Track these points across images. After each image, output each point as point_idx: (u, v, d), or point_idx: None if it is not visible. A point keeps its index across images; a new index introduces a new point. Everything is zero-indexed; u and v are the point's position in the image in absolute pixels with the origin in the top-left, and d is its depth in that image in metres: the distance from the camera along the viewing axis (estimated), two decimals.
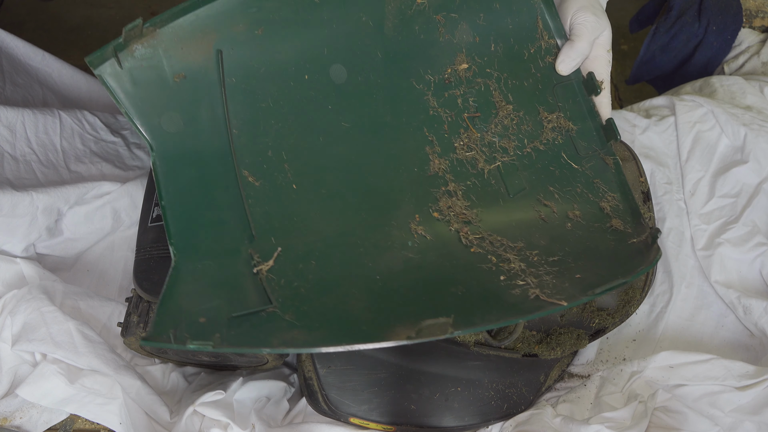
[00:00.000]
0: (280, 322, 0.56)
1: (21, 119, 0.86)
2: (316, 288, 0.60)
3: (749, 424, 0.70)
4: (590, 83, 0.73)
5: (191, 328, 0.54)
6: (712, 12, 1.04)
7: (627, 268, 0.62)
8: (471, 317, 0.57)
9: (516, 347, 0.75)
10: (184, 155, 0.63)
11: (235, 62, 0.64)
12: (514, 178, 0.70)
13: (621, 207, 0.68)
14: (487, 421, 0.76)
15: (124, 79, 0.60)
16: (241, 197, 0.63)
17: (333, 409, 0.75)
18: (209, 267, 0.59)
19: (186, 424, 0.74)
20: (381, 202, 0.67)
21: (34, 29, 1.58)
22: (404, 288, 0.61)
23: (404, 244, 0.65)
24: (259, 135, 0.65)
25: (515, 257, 0.63)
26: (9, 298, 0.74)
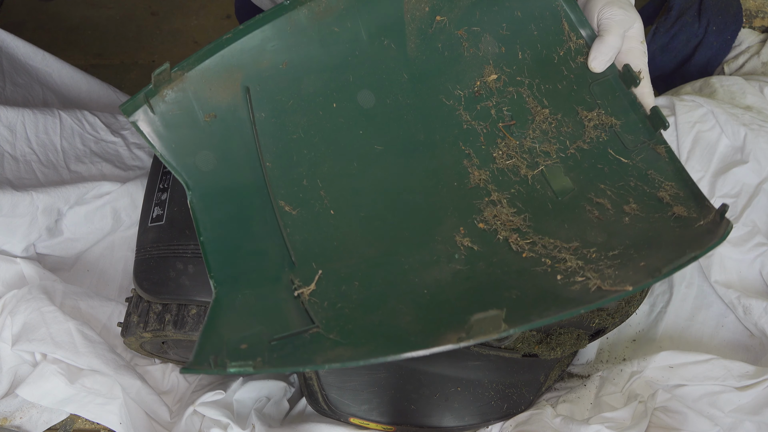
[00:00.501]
0: (324, 342, 0.56)
1: (21, 119, 0.86)
2: (361, 307, 0.60)
3: (749, 424, 0.70)
4: (628, 75, 0.70)
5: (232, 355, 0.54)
6: (712, 12, 1.04)
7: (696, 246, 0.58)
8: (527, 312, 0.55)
9: (516, 347, 0.75)
10: (219, 191, 0.64)
11: (263, 97, 0.66)
12: (560, 181, 0.69)
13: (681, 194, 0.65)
14: (487, 421, 0.76)
15: (157, 124, 0.62)
16: (279, 227, 0.63)
17: (333, 409, 0.75)
18: (250, 296, 0.60)
19: (186, 424, 0.74)
20: (422, 219, 0.67)
21: (34, 29, 1.58)
22: (454, 298, 0.60)
23: (451, 257, 0.64)
24: (293, 166, 0.66)
25: (571, 256, 0.61)
26: (9, 298, 0.74)
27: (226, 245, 0.63)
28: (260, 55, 0.65)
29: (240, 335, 0.57)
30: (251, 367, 0.51)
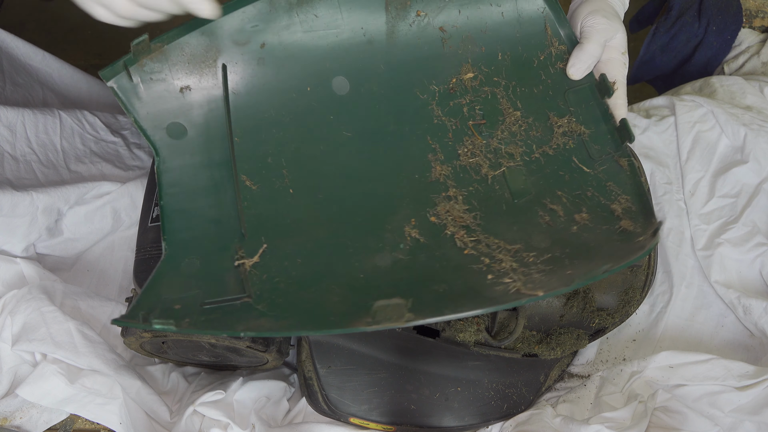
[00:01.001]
0: (251, 312, 0.60)
1: (21, 119, 0.86)
2: (297, 284, 0.63)
3: (749, 424, 0.70)
4: (602, 85, 0.71)
5: (164, 313, 0.59)
6: (712, 12, 1.04)
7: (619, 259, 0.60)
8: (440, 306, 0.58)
9: (516, 347, 0.75)
10: (186, 160, 0.68)
11: (239, 76, 0.69)
12: (519, 184, 0.70)
13: (634, 208, 0.66)
14: (487, 421, 0.76)
15: (134, 91, 0.66)
16: (237, 199, 0.67)
17: (333, 409, 0.75)
18: (195, 261, 0.64)
19: (186, 424, 0.74)
20: (378, 207, 0.69)
21: (34, 29, 1.57)
22: (386, 285, 0.63)
23: (396, 246, 0.66)
24: (260, 143, 0.69)
25: (509, 258, 0.63)
26: (9, 298, 0.74)
27: (183, 211, 0.67)
28: (239, 35, 0.67)
29: (177, 296, 0.61)
30: (173, 326, 0.56)
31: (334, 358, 0.74)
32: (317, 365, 0.74)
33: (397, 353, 0.75)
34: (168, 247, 0.65)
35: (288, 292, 0.63)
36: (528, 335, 0.76)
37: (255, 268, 0.64)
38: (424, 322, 0.56)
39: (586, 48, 0.71)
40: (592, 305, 0.74)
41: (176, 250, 0.65)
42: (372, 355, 0.74)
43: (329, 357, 0.74)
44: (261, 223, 0.67)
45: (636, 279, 0.75)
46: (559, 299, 0.73)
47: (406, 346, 0.75)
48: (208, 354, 0.78)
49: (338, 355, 0.74)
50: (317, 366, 0.74)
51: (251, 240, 0.66)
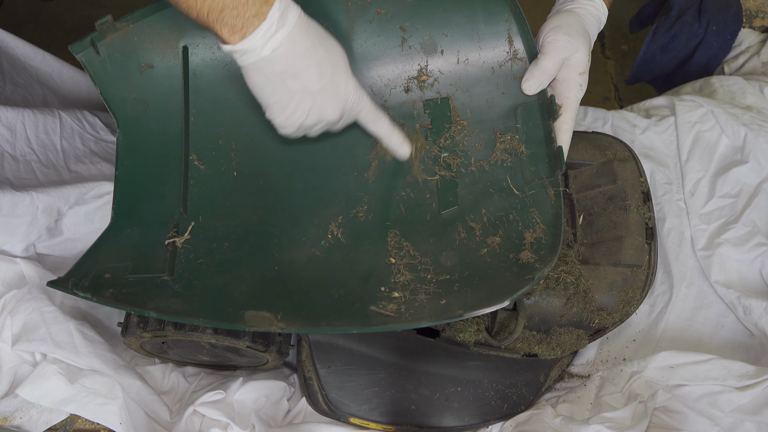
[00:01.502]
0: (166, 290, 0.64)
1: (21, 119, 0.85)
2: (217, 267, 0.66)
3: (749, 424, 0.70)
4: (549, 107, 0.69)
5: (94, 281, 0.63)
6: (712, 12, 1.04)
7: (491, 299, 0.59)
8: (307, 320, 0.61)
9: (516, 347, 0.75)
10: (144, 134, 0.72)
11: (200, 58, 0.72)
12: (449, 195, 0.69)
13: (544, 241, 0.65)
14: (487, 421, 0.76)
15: (100, 65, 0.70)
16: (184, 177, 0.71)
17: (333, 409, 0.75)
18: (135, 233, 0.68)
19: (186, 424, 0.74)
20: (313, 200, 0.71)
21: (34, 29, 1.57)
22: (292, 282, 0.66)
23: (317, 242, 0.69)
24: (214, 125, 0.72)
25: (408, 271, 0.65)
26: (9, 298, 0.74)
27: (135, 183, 0.71)
28: None
29: (110, 265, 0.65)
30: (90, 296, 0.61)
31: (334, 358, 0.74)
32: (317, 365, 0.74)
33: (397, 353, 0.75)
34: (114, 216, 0.69)
35: (206, 275, 0.66)
36: (528, 335, 0.75)
37: (185, 246, 0.67)
38: (297, 331, 0.60)
39: (541, 64, 0.68)
40: (592, 305, 0.74)
41: (121, 219, 0.69)
42: (372, 355, 0.74)
43: (329, 357, 0.74)
44: (202, 202, 0.70)
45: (636, 279, 0.75)
46: (559, 299, 0.73)
47: (406, 346, 0.75)
48: (208, 354, 0.78)
49: (338, 355, 0.74)
50: (317, 366, 0.74)
51: (190, 218, 0.69)
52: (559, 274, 0.73)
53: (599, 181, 0.79)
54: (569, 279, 0.72)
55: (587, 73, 0.70)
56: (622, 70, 1.63)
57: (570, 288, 0.73)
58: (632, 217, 0.75)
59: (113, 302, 0.62)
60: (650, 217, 0.76)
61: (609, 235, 0.75)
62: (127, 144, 0.71)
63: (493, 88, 0.72)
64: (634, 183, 0.77)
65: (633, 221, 0.75)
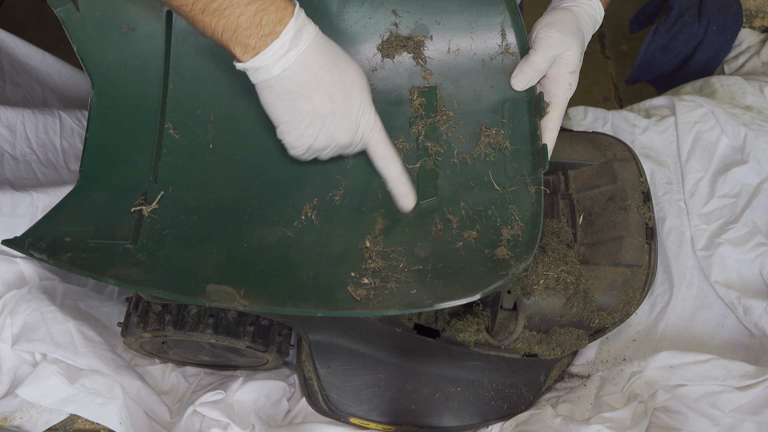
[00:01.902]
0: (128, 259, 0.62)
1: (21, 119, 0.86)
2: (184, 240, 0.65)
3: (749, 424, 0.70)
4: (537, 104, 0.68)
5: (52, 243, 0.61)
6: (712, 12, 1.04)
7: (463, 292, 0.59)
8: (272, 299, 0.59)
9: (516, 347, 0.75)
10: (119, 98, 0.69)
11: (184, 24, 0.70)
12: (428, 185, 0.69)
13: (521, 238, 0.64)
14: (487, 421, 0.76)
15: (80, 22, 0.68)
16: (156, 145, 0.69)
17: (333, 409, 0.75)
18: (101, 198, 0.66)
19: (186, 424, 0.74)
20: (289, 180, 0.70)
21: (34, 29, 1.57)
22: (260, 261, 0.64)
23: (290, 222, 0.67)
24: (194, 94, 0.70)
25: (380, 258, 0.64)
26: (9, 298, 0.74)
27: (106, 147, 0.68)
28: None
29: (71, 228, 0.63)
30: (46, 257, 0.59)
31: (334, 358, 0.74)
32: (317, 365, 0.74)
33: (397, 353, 0.75)
34: (81, 179, 0.67)
35: (171, 247, 0.64)
36: (528, 335, 0.75)
37: (152, 215, 0.65)
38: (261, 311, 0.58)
39: (531, 60, 0.68)
40: (592, 305, 0.74)
41: (88, 183, 0.67)
42: (372, 355, 0.74)
43: (329, 357, 0.74)
44: (174, 172, 0.68)
45: (636, 279, 0.75)
46: (559, 299, 0.73)
47: (406, 346, 0.75)
48: (209, 354, 0.78)
49: (338, 355, 0.74)
50: (317, 366, 0.74)
51: (159, 187, 0.67)
52: (559, 274, 0.73)
53: (599, 181, 0.79)
54: (569, 279, 0.72)
55: (578, 72, 0.70)
56: (622, 70, 1.63)
57: (570, 288, 0.73)
58: (632, 217, 0.75)
59: (70, 266, 0.60)
60: (650, 217, 0.76)
61: (609, 235, 0.75)
62: (100, 106, 0.69)
63: (482, 81, 0.72)
64: (634, 183, 0.77)
65: (633, 221, 0.75)
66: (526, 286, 0.72)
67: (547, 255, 0.73)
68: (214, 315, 0.72)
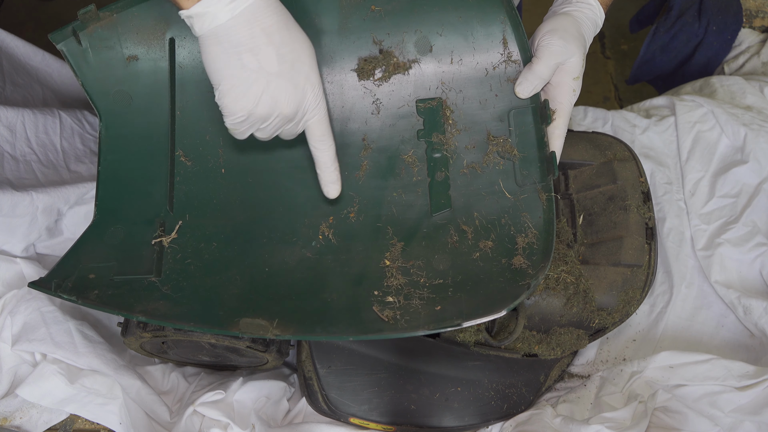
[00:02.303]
0: (154, 293, 0.62)
1: (21, 119, 0.85)
2: (206, 267, 0.65)
3: (749, 424, 0.70)
4: (543, 111, 0.69)
5: (78, 282, 0.61)
6: (712, 12, 1.04)
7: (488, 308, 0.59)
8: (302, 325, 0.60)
9: (516, 347, 0.75)
10: (128, 129, 0.70)
11: (187, 50, 0.70)
12: (441, 197, 0.69)
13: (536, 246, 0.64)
14: (487, 421, 0.76)
15: (83, 56, 0.68)
16: (170, 174, 0.69)
17: (333, 409, 0.75)
18: (119, 231, 0.66)
19: (186, 424, 0.74)
20: (303, 199, 0.70)
21: (34, 29, 1.57)
22: (284, 285, 0.65)
23: (308, 243, 0.67)
24: (202, 120, 0.70)
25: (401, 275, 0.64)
26: (9, 298, 0.74)
27: (119, 179, 0.69)
28: None
29: (94, 265, 0.63)
30: (75, 298, 0.59)
31: (334, 358, 0.74)
32: (317, 365, 0.74)
33: (397, 353, 0.75)
34: (98, 214, 0.67)
35: (195, 276, 0.64)
36: (528, 335, 0.75)
37: (172, 245, 0.65)
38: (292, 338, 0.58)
39: (535, 68, 0.68)
40: (592, 305, 0.74)
41: (105, 217, 0.67)
42: (372, 355, 0.74)
43: (329, 357, 0.74)
44: (189, 200, 0.68)
45: (636, 279, 0.75)
46: (559, 299, 0.73)
47: (406, 346, 0.75)
48: (208, 354, 0.78)
49: (338, 355, 0.74)
50: (317, 366, 0.74)
51: (176, 216, 0.67)
52: (559, 274, 0.73)
53: (599, 181, 0.79)
54: (569, 279, 0.72)
55: (581, 78, 0.70)
56: (622, 70, 1.63)
57: (570, 288, 0.73)
58: (632, 217, 0.75)
59: (99, 305, 0.60)
60: (650, 217, 0.76)
61: (609, 235, 0.75)
62: (110, 139, 0.69)
63: (486, 90, 0.72)
64: (634, 183, 0.77)
65: (633, 221, 0.75)
66: None
67: None
68: None
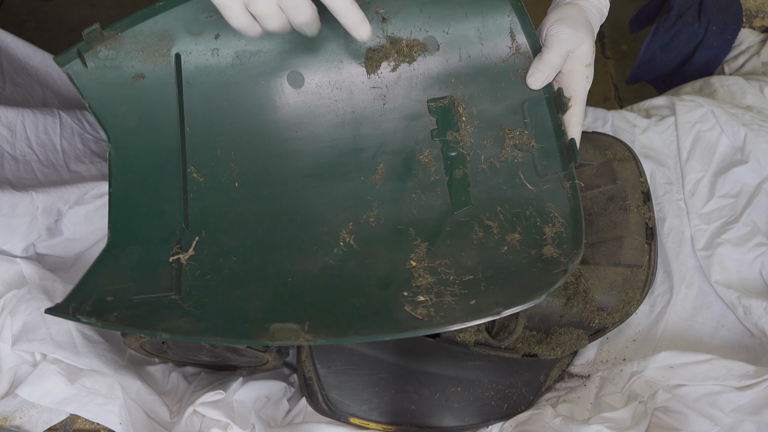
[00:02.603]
0: (176, 310, 0.61)
1: (21, 119, 0.85)
2: (227, 282, 0.64)
3: (749, 424, 0.70)
4: (558, 100, 0.68)
5: (96, 305, 0.60)
6: (712, 12, 1.04)
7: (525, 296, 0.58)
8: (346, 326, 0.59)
9: (516, 347, 0.75)
10: (138, 148, 0.69)
11: (193, 66, 0.69)
12: (461, 195, 0.68)
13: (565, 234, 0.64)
14: (487, 421, 0.76)
15: (89, 77, 0.67)
16: (183, 191, 0.68)
17: (333, 409, 0.75)
18: (135, 252, 0.65)
19: (186, 424, 0.74)
20: (319, 207, 0.69)
21: (34, 29, 1.57)
22: (310, 293, 0.63)
23: (329, 250, 0.66)
24: (212, 134, 0.70)
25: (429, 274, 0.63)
26: (9, 298, 0.74)
27: (131, 199, 0.67)
28: (193, 25, 0.68)
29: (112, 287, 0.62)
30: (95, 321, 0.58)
31: (334, 358, 0.74)
32: (317, 365, 0.74)
33: (397, 353, 0.75)
34: (112, 236, 0.66)
35: (216, 292, 0.63)
36: (528, 335, 0.76)
37: (190, 262, 0.64)
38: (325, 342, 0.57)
39: (545, 57, 0.67)
40: (592, 305, 0.74)
41: (119, 239, 0.66)
42: (372, 355, 0.74)
43: (329, 357, 0.74)
44: (204, 216, 0.67)
45: (636, 279, 0.75)
46: (559, 299, 0.73)
47: (406, 346, 0.75)
48: (208, 354, 0.78)
49: (338, 355, 0.74)
50: (317, 366, 0.74)
51: (192, 233, 0.66)
52: None
53: (599, 181, 0.79)
54: (569, 279, 0.73)
55: (593, 65, 0.69)
56: (622, 70, 1.63)
57: (570, 288, 0.73)
58: (632, 217, 0.75)
59: (119, 326, 0.59)
60: (650, 217, 0.76)
61: (609, 235, 0.75)
62: (120, 159, 0.68)
63: (497, 85, 0.71)
64: (634, 183, 0.77)
65: (633, 221, 0.75)
66: None
67: None
68: None
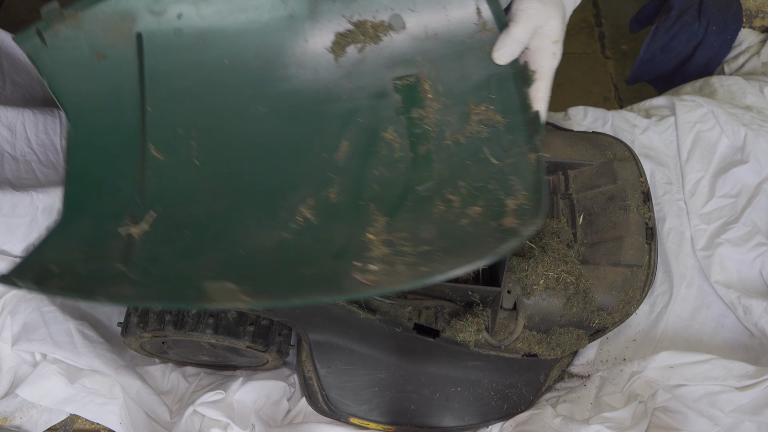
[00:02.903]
0: (120, 279, 0.61)
1: (21, 119, 0.86)
2: (177, 255, 0.64)
3: (749, 424, 0.70)
4: (523, 73, 0.67)
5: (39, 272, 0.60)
6: (712, 12, 1.04)
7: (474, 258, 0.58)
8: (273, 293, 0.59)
9: (516, 347, 0.75)
10: (97, 126, 0.68)
11: (155, 45, 0.69)
12: (424, 170, 0.68)
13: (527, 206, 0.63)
14: (487, 421, 0.76)
15: (48, 56, 0.66)
16: (141, 168, 0.67)
17: (333, 409, 0.75)
18: (87, 225, 0.65)
19: (186, 424, 0.74)
20: (280, 184, 0.69)
21: None
22: (259, 264, 0.63)
23: (285, 225, 0.66)
24: (173, 113, 0.69)
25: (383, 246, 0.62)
26: (9, 298, 0.74)
27: (87, 176, 0.67)
28: (155, 5, 0.67)
29: (58, 257, 0.62)
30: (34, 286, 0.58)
31: (334, 358, 0.74)
32: (317, 365, 0.74)
33: (397, 353, 0.75)
34: (65, 210, 0.66)
35: (165, 263, 0.63)
36: (528, 335, 0.75)
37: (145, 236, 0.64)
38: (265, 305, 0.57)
39: (512, 32, 0.66)
40: (592, 305, 0.74)
41: (73, 213, 0.66)
42: (372, 355, 0.74)
43: (329, 357, 0.74)
44: (161, 193, 0.67)
45: (636, 279, 0.75)
46: (559, 299, 0.73)
47: (406, 346, 0.75)
48: (209, 354, 0.78)
49: (338, 355, 0.74)
50: (317, 366, 0.74)
51: (147, 209, 0.66)
52: (559, 274, 0.73)
53: (599, 181, 0.79)
54: (569, 279, 0.72)
55: (561, 42, 0.68)
56: (622, 70, 1.63)
57: (570, 288, 0.73)
58: (632, 217, 0.75)
59: (59, 291, 0.59)
60: (650, 217, 0.76)
61: (609, 235, 0.75)
62: (78, 137, 0.68)
63: (464, 61, 0.71)
64: (634, 183, 0.77)
65: (633, 221, 0.75)
66: (526, 286, 0.72)
67: (547, 255, 0.73)
68: (214, 315, 0.72)
